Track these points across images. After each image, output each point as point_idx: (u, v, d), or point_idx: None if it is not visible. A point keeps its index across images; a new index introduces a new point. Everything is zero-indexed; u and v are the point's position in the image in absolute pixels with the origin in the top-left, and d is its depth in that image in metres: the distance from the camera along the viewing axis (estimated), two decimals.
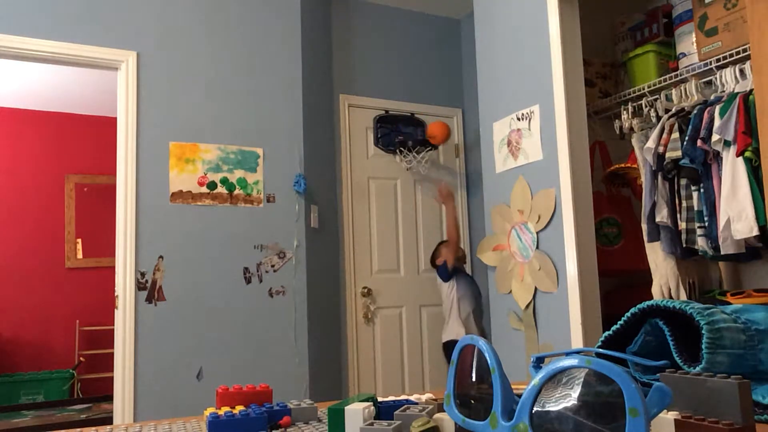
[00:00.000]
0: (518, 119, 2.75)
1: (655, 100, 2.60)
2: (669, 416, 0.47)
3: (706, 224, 2.20)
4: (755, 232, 2.03)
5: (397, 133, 4.08)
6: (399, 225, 4.05)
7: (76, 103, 5.39)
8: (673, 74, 2.56)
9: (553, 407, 0.39)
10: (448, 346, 3.52)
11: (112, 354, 3.03)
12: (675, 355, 0.59)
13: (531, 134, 2.68)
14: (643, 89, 2.66)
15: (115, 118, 3.26)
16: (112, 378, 3.04)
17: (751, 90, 2.09)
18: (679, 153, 2.25)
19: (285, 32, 3.50)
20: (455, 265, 3.55)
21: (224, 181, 3.25)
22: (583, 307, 2.41)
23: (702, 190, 2.23)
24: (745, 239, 2.12)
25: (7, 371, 5.14)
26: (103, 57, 3.09)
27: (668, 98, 2.55)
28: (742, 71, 2.27)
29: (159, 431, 0.61)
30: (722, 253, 2.16)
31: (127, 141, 3.08)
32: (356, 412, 0.53)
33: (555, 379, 0.40)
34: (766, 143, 1.84)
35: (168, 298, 3.07)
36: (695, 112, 2.27)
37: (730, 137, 2.10)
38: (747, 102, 2.09)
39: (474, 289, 3.60)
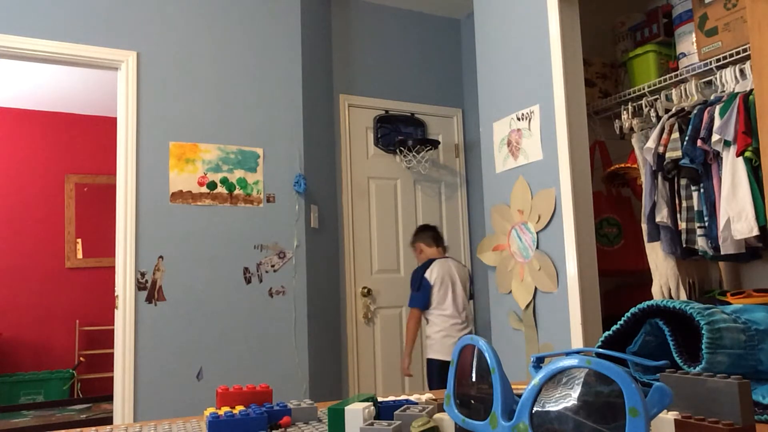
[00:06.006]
0: (518, 119, 2.75)
1: (655, 100, 2.60)
2: (669, 416, 0.47)
3: (706, 224, 2.20)
4: (755, 232, 2.02)
5: (397, 133, 4.08)
6: (399, 225, 4.05)
7: (76, 103, 5.39)
8: (673, 74, 2.56)
9: (553, 407, 0.39)
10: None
11: (112, 354, 3.03)
12: (675, 355, 0.59)
13: (531, 134, 2.67)
14: (643, 89, 2.66)
15: (115, 118, 3.26)
16: (112, 378, 3.04)
17: (751, 90, 2.09)
18: (679, 153, 2.25)
19: (285, 32, 3.50)
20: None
21: (224, 181, 3.25)
22: (583, 307, 2.41)
23: (702, 190, 2.23)
24: (745, 239, 2.12)
25: (7, 371, 5.14)
26: (103, 57, 3.09)
27: (668, 98, 2.55)
28: (742, 71, 2.27)
29: (159, 431, 0.61)
30: (722, 253, 2.15)
31: (127, 141, 3.08)
32: (356, 412, 0.53)
33: (555, 379, 0.40)
34: (766, 143, 1.84)
35: (168, 298, 3.07)
36: (695, 112, 2.27)
37: (730, 137, 2.10)
38: (747, 102, 2.09)
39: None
